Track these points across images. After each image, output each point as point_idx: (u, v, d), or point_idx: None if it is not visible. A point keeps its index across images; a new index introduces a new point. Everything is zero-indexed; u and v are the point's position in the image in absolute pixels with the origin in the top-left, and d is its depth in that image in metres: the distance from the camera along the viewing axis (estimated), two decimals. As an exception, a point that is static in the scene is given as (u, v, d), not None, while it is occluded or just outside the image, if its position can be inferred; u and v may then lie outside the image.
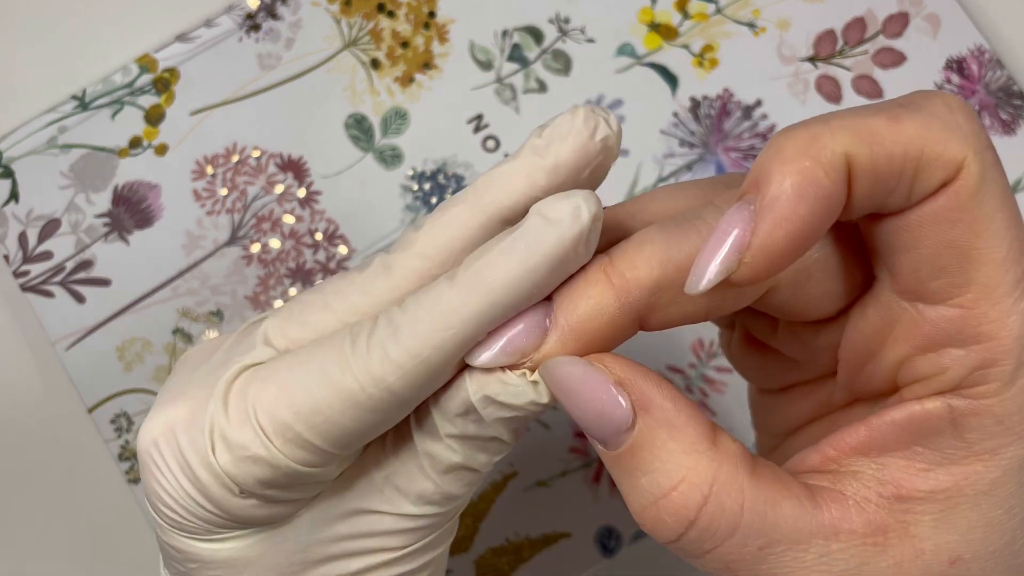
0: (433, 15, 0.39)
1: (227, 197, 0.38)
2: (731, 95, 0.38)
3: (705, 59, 0.39)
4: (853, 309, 0.21)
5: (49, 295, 0.37)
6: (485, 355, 0.19)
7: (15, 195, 0.38)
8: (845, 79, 0.38)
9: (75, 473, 0.37)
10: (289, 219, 0.38)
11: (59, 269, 0.37)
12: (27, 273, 0.37)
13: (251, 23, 0.38)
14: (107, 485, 0.37)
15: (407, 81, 0.38)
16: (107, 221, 0.37)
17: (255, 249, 0.37)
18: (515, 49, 0.39)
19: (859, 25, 0.39)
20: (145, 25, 0.39)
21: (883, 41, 0.38)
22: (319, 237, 0.38)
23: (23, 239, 0.37)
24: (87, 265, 0.37)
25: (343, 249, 0.38)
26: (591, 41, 0.39)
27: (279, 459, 0.19)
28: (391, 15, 0.39)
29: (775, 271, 0.17)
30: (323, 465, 0.20)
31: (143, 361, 0.37)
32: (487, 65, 0.39)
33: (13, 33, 0.39)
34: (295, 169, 0.38)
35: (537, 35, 0.39)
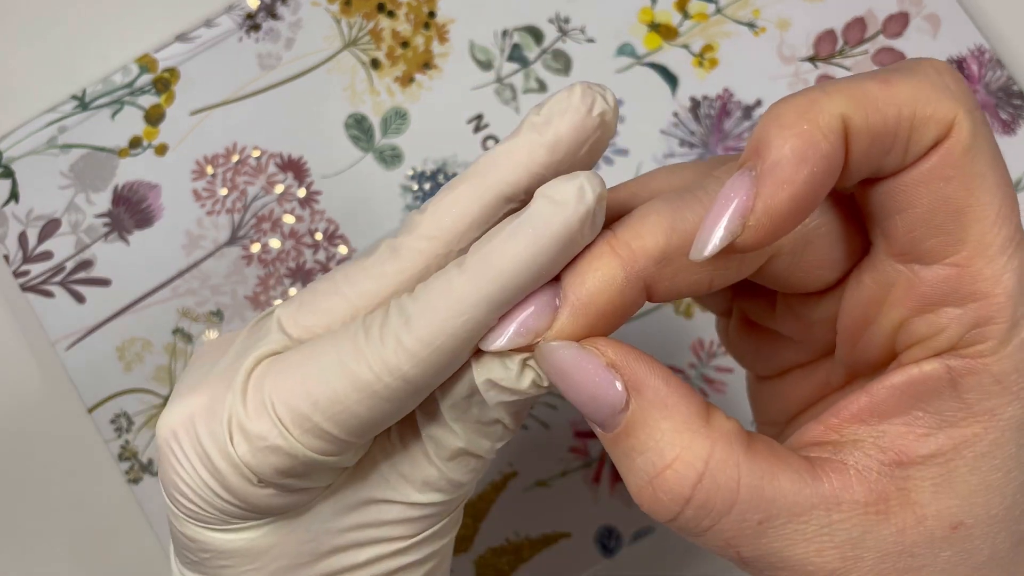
0: (433, 15, 0.39)
1: (227, 197, 0.38)
2: (731, 95, 0.38)
3: (705, 59, 0.39)
4: (849, 278, 0.21)
5: (49, 295, 0.37)
6: (499, 340, 0.19)
7: (15, 195, 0.38)
8: (845, 79, 0.38)
9: (75, 473, 0.37)
10: (289, 219, 0.38)
11: (59, 269, 0.37)
12: (27, 273, 0.37)
13: (251, 23, 0.38)
14: (107, 485, 0.37)
15: (407, 81, 0.38)
16: (107, 221, 0.37)
17: (255, 249, 0.37)
18: (515, 49, 0.39)
19: (859, 25, 0.39)
20: (145, 25, 0.39)
21: (883, 41, 0.38)
22: (319, 237, 0.38)
23: (23, 239, 0.37)
24: (87, 265, 0.37)
25: (343, 249, 0.38)
26: (591, 41, 0.39)
27: (297, 448, 0.19)
28: (391, 15, 0.39)
29: (779, 235, 0.18)
30: (340, 453, 0.20)
31: (143, 361, 0.37)
32: (487, 65, 0.39)
33: (13, 33, 0.39)
34: (295, 169, 0.38)
35: (537, 35, 0.39)
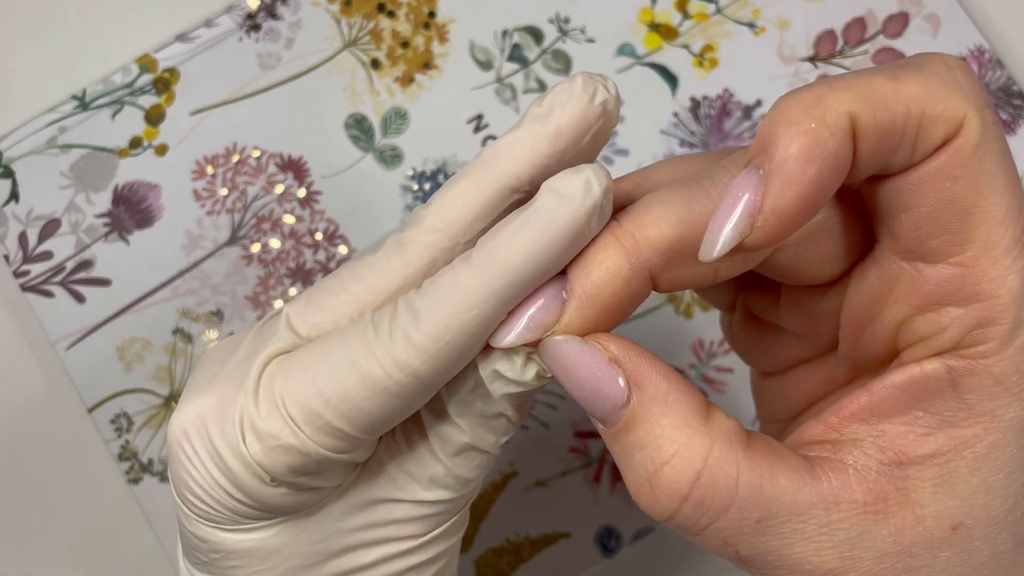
0: (433, 15, 0.39)
1: (227, 197, 0.38)
2: (731, 95, 0.38)
3: (705, 59, 0.39)
4: (854, 273, 0.21)
5: (49, 295, 0.37)
6: (509, 336, 0.19)
7: (15, 195, 0.38)
8: (845, 79, 0.38)
9: (75, 473, 0.37)
10: (289, 219, 0.38)
11: (59, 269, 0.37)
12: (27, 273, 0.37)
13: (251, 23, 0.38)
14: (107, 485, 0.37)
15: (407, 81, 0.38)
16: (107, 221, 0.37)
17: (255, 249, 0.38)
18: (515, 49, 0.39)
19: (859, 25, 0.39)
20: (145, 25, 0.39)
21: (883, 41, 0.38)
22: (319, 237, 0.38)
23: (23, 239, 0.37)
24: (87, 265, 0.37)
25: (343, 249, 0.38)
26: (591, 41, 0.39)
27: (309, 447, 0.20)
28: (391, 15, 0.39)
29: (787, 233, 0.18)
30: (351, 450, 0.20)
31: (143, 361, 0.37)
32: (487, 65, 0.39)
33: (13, 33, 0.39)
34: (295, 169, 0.38)
35: (537, 35, 0.39)
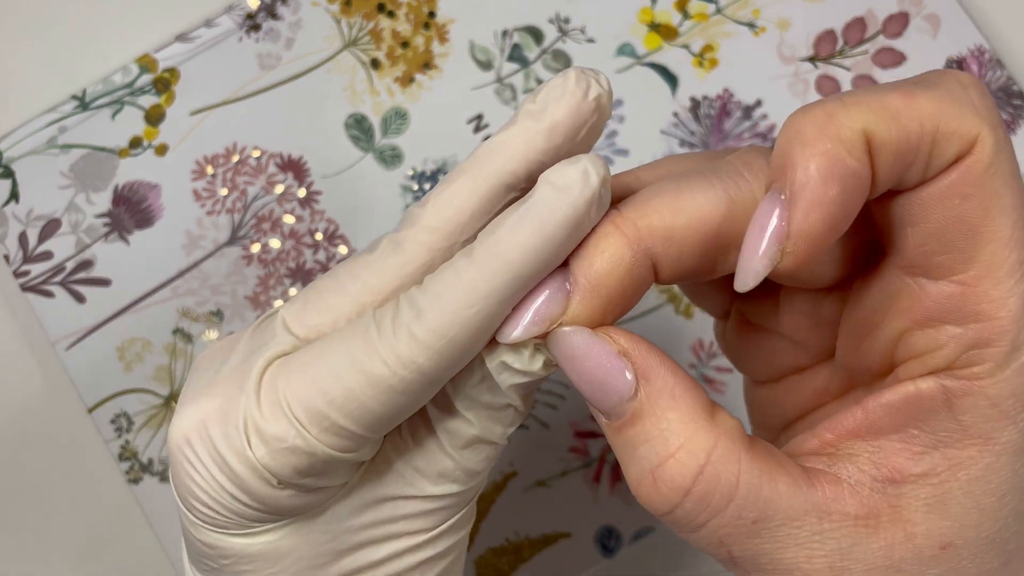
0: (433, 15, 0.39)
1: (227, 197, 0.38)
2: (731, 95, 0.38)
3: (705, 59, 0.39)
4: (856, 282, 0.21)
5: (49, 295, 0.37)
6: (516, 330, 0.19)
7: (15, 195, 0.38)
8: (845, 79, 0.38)
9: (75, 473, 0.37)
10: (289, 219, 0.38)
11: (59, 269, 0.37)
12: (27, 273, 0.37)
13: (251, 23, 0.38)
14: (107, 485, 0.37)
15: (407, 81, 0.38)
16: (107, 221, 0.37)
17: (255, 249, 0.38)
18: (515, 49, 0.39)
19: (859, 25, 0.39)
20: (145, 25, 0.39)
21: (883, 41, 0.38)
22: (319, 237, 0.38)
23: (23, 239, 0.37)
24: (87, 265, 0.37)
25: (343, 249, 0.38)
26: (591, 41, 0.39)
27: (316, 447, 0.19)
28: (391, 15, 0.39)
29: (817, 255, 0.18)
30: (357, 449, 0.20)
31: (143, 361, 0.37)
32: (487, 65, 0.39)
33: (13, 33, 0.39)
34: (295, 169, 0.38)
35: (537, 35, 0.39)
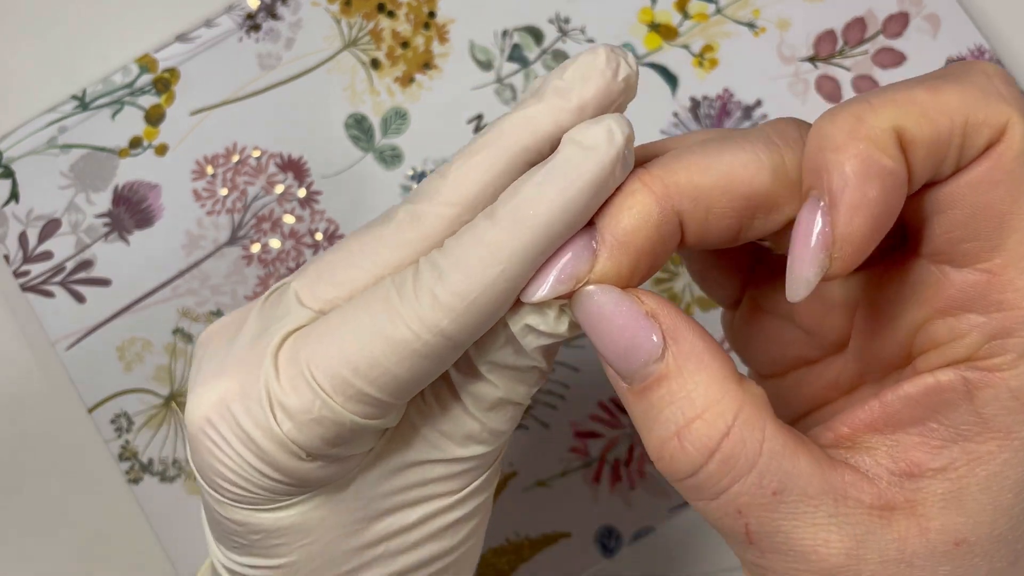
0: (433, 15, 0.39)
1: (227, 197, 0.38)
2: (731, 95, 0.38)
3: (705, 59, 0.39)
4: (878, 269, 0.21)
5: (49, 295, 0.37)
6: (540, 290, 0.19)
7: (15, 195, 0.38)
8: (845, 79, 0.38)
9: (75, 473, 0.37)
10: (289, 219, 0.38)
11: (59, 269, 0.37)
12: (27, 273, 0.37)
13: (251, 23, 0.38)
14: (107, 485, 0.37)
15: (407, 81, 0.38)
16: (107, 221, 0.37)
17: (255, 249, 0.37)
18: (515, 49, 0.39)
19: (859, 25, 0.39)
20: (145, 25, 0.39)
21: (883, 41, 0.38)
22: (319, 237, 0.38)
23: (23, 239, 0.37)
24: (87, 265, 0.37)
25: (343, 249, 0.38)
26: (591, 41, 0.39)
27: (343, 416, 0.19)
28: (391, 15, 0.39)
29: (865, 255, 0.18)
30: (384, 415, 0.20)
31: (143, 361, 0.37)
32: (487, 65, 0.39)
33: (13, 33, 0.39)
34: (295, 169, 0.38)
35: (537, 35, 0.39)
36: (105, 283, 0.37)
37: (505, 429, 0.22)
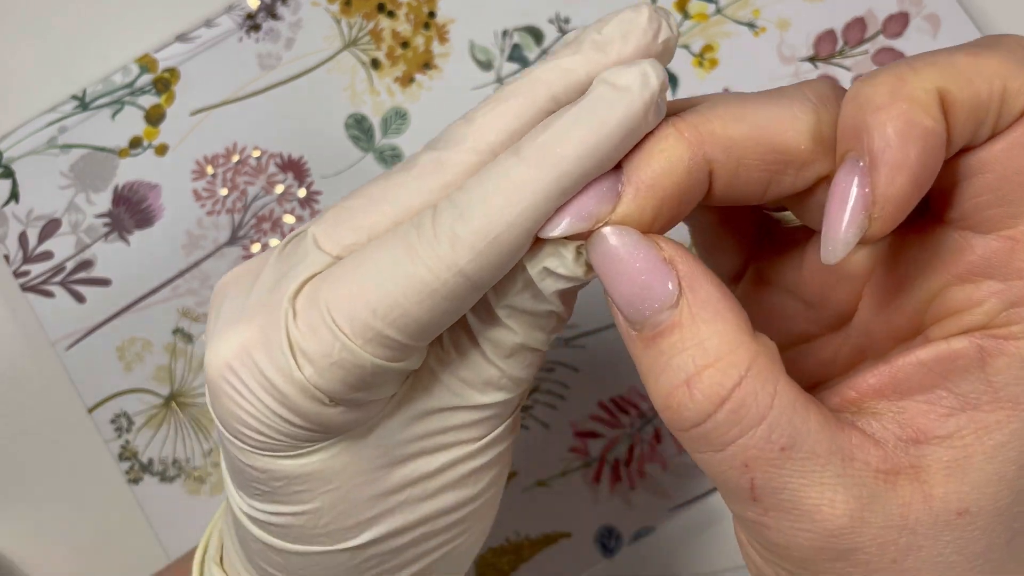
0: (433, 15, 0.39)
1: (227, 197, 0.38)
2: (731, 95, 0.38)
3: (705, 59, 0.39)
4: (896, 236, 0.20)
5: (49, 295, 0.37)
6: (561, 225, 0.19)
7: (15, 195, 0.38)
8: (845, 79, 0.38)
9: (75, 473, 0.37)
10: (289, 219, 0.38)
11: (59, 269, 0.37)
12: (27, 273, 0.37)
13: (251, 23, 0.38)
14: (107, 485, 0.37)
15: (407, 81, 0.38)
16: (107, 221, 0.37)
17: (255, 249, 0.37)
18: (515, 49, 0.39)
19: (859, 25, 0.39)
20: (145, 25, 0.39)
21: (883, 41, 0.38)
22: (319, 237, 0.38)
23: (23, 239, 0.37)
24: (87, 265, 0.37)
25: (343, 249, 0.38)
26: (591, 41, 0.39)
27: (364, 359, 0.19)
28: (391, 15, 0.39)
29: (904, 216, 0.17)
30: (406, 358, 0.20)
31: (143, 361, 0.37)
32: (487, 65, 0.39)
33: (13, 33, 0.39)
34: (295, 169, 0.38)
35: (537, 35, 0.39)
36: (105, 283, 0.37)
37: (524, 376, 0.22)
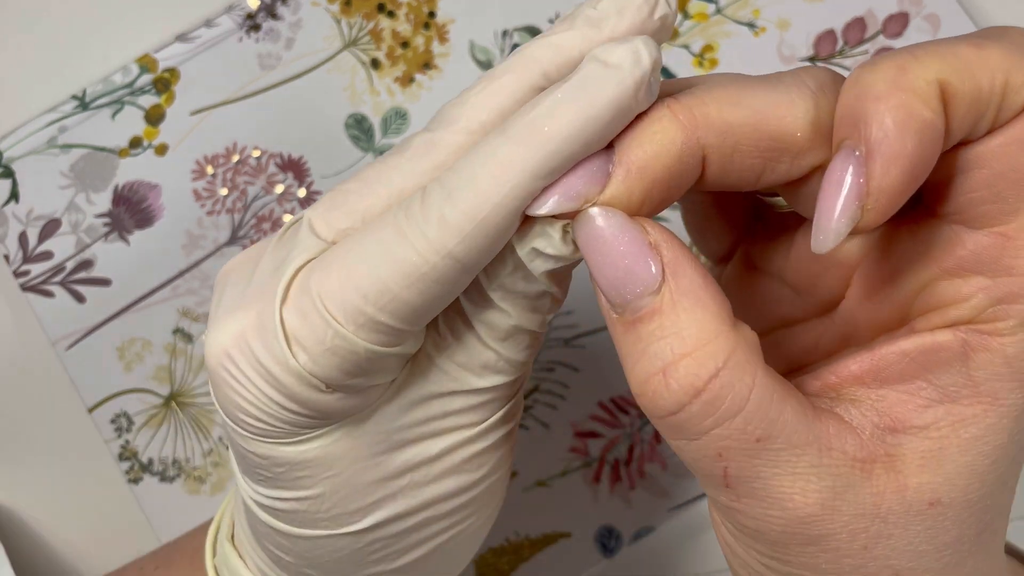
0: (433, 15, 0.39)
1: (227, 197, 0.38)
2: (731, 95, 0.38)
3: (705, 59, 0.39)
4: (887, 227, 0.20)
5: (49, 295, 0.37)
6: (548, 203, 0.18)
7: (15, 195, 0.38)
8: (845, 79, 0.38)
9: (75, 473, 0.37)
10: (289, 219, 0.38)
11: (59, 269, 0.37)
12: (27, 273, 0.37)
13: (251, 23, 0.38)
14: (107, 485, 0.37)
15: (407, 81, 0.38)
16: (107, 221, 0.37)
17: (255, 249, 0.38)
18: (515, 49, 0.39)
19: (859, 25, 0.39)
20: (145, 25, 0.39)
21: (883, 41, 0.38)
22: (319, 237, 0.38)
23: (23, 239, 0.37)
24: (87, 265, 0.37)
25: (343, 249, 0.38)
26: (591, 41, 0.39)
27: (357, 345, 0.19)
28: (391, 15, 0.39)
29: (897, 208, 0.17)
30: (400, 343, 0.20)
31: (143, 361, 0.37)
32: (487, 65, 0.39)
33: (13, 33, 0.39)
34: (295, 169, 0.38)
35: (537, 35, 0.39)
36: (105, 283, 0.37)
37: (522, 359, 0.22)
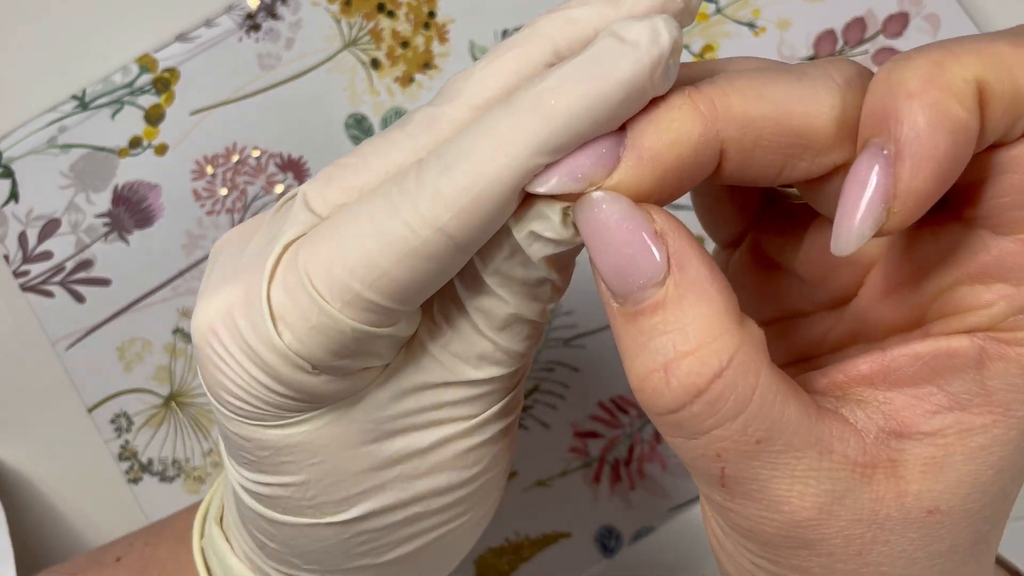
0: (433, 15, 0.39)
1: (227, 197, 0.38)
2: (731, 95, 0.38)
3: (705, 59, 0.39)
4: (910, 227, 0.19)
5: (49, 295, 0.37)
6: (551, 182, 0.17)
7: (15, 195, 0.38)
8: (845, 79, 0.38)
9: (75, 473, 0.37)
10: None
11: (59, 269, 0.37)
12: (27, 273, 0.37)
13: (251, 23, 0.38)
14: (107, 485, 0.37)
15: (407, 81, 0.38)
16: (107, 221, 0.37)
17: (255, 249, 0.38)
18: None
19: (859, 25, 0.39)
20: (145, 25, 0.39)
21: (883, 41, 0.38)
22: (319, 237, 0.38)
23: (23, 239, 0.37)
24: (87, 265, 0.37)
25: (343, 249, 0.38)
26: (591, 41, 0.39)
27: (343, 323, 0.18)
28: (391, 15, 0.39)
29: (923, 212, 0.16)
30: (391, 324, 0.19)
31: (143, 361, 0.37)
32: (487, 65, 0.39)
33: (13, 33, 0.39)
34: (295, 169, 0.38)
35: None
36: (105, 283, 0.37)
37: (521, 350, 0.21)
